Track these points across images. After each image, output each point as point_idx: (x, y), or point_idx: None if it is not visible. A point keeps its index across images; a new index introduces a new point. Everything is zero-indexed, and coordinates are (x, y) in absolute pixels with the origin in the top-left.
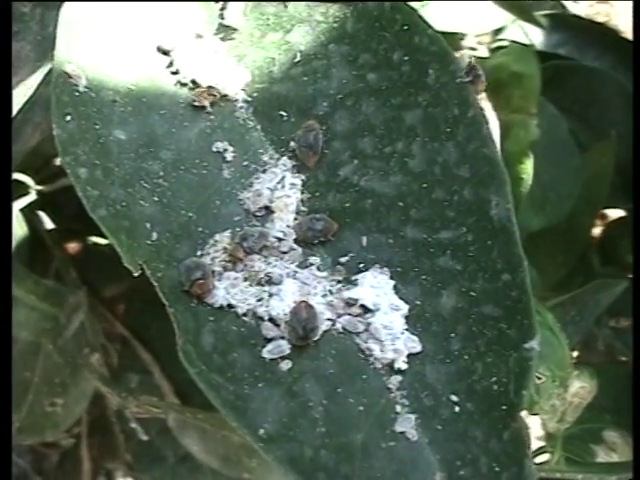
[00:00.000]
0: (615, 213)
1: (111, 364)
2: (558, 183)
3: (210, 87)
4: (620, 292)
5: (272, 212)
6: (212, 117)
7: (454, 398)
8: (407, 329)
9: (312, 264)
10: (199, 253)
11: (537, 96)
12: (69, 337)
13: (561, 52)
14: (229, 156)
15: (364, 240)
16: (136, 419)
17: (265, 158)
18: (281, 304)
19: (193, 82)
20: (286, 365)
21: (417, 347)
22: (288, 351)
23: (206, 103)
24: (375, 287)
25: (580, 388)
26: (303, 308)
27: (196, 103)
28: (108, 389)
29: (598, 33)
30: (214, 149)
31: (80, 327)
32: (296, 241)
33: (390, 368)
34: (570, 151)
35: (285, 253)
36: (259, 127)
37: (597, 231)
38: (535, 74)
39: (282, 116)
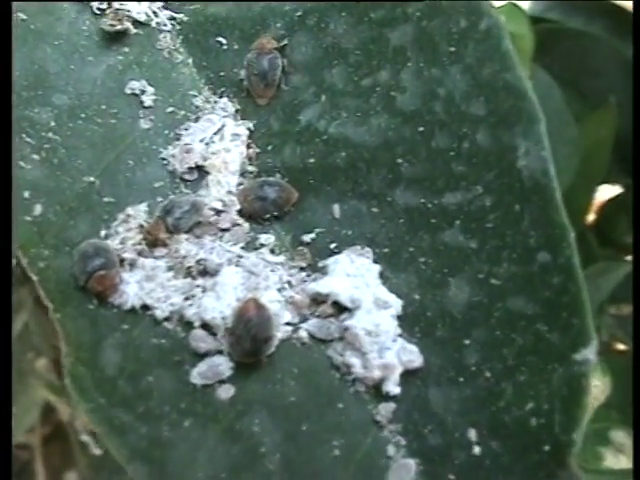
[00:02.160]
0: (607, 190)
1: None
2: (554, 156)
3: (118, 9)
4: (622, 276)
5: (207, 174)
6: (126, 49)
7: (472, 435)
8: (401, 335)
9: (263, 245)
10: (103, 233)
11: (529, 59)
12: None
13: (549, 17)
14: (148, 100)
15: (336, 210)
16: (90, 430)
17: (198, 102)
18: (219, 304)
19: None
20: (226, 392)
21: (416, 360)
22: (229, 372)
23: (119, 27)
24: (353, 275)
25: (592, 387)
26: (251, 309)
27: (108, 28)
28: (57, 398)
29: None
30: (128, 91)
31: (25, 329)
32: (241, 213)
33: (377, 392)
34: (566, 121)
35: (225, 231)
36: (190, 61)
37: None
38: (526, 34)
39: (221, 44)
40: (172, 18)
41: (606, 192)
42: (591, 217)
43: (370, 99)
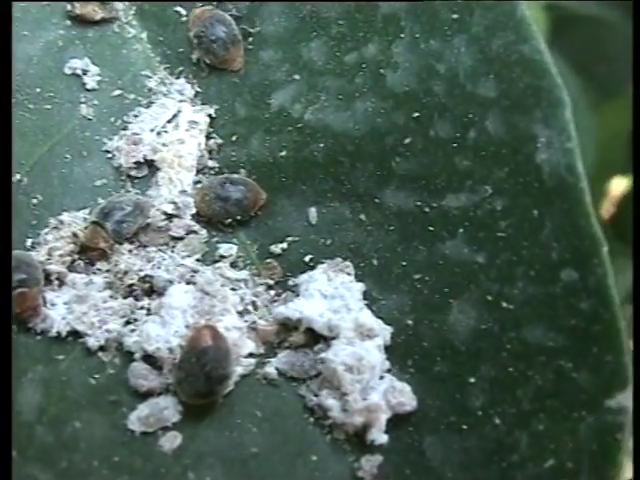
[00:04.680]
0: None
1: None
2: None
3: None
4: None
5: (157, 170)
6: (68, 22)
7: None
8: (390, 370)
9: (223, 257)
10: (29, 242)
11: None
12: None
13: (563, 3)
14: (91, 81)
15: (312, 214)
16: None
17: (151, 84)
18: (165, 330)
19: None
20: (171, 442)
21: (408, 403)
22: (176, 417)
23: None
24: (331, 296)
25: None
26: (206, 339)
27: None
28: None
29: None
30: (68, 71)
31: None
32: (197, 218)
33: (360, 441)
34: (581, 110)
35: (178, 240)
36: (144, 35)
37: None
38: (539, 19)
39: (180, 15)
40: None
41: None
42: (609, 210)
43: (355, 78)
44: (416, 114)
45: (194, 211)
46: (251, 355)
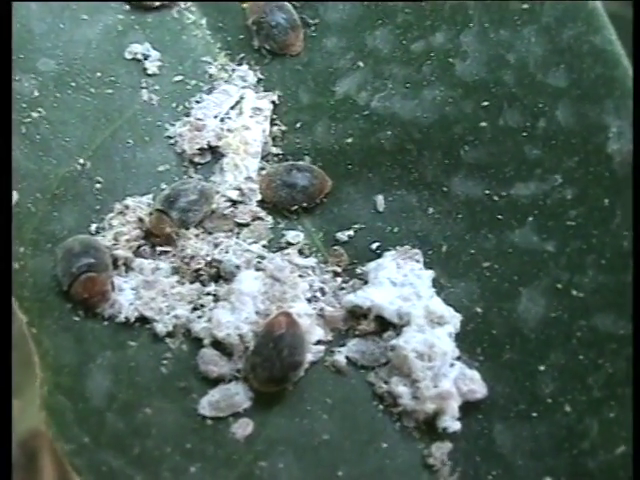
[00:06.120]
0: None
1: None
2: None
3: None
4: None
5: (222, 156)
6: (126, 7)
7: None
8: (460, 357)
9: (290, 244)
10: (94, 227)
11: None
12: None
13: None
14: (152, 66)
15: (380, 201)
16: None
17: (212, 70)
18: (234, 317)
19: None
20: (243, 429)
21: (479, 390)
22: (248, 403)
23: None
24: (400, 284)
25: None
26: (283, 325)
27: None
28: None
29: None
30: (128, 55)
31: None
32: (263, 204)
33: (430, 428)
34: None
35: (243, 226)
36: (203, 21)
37: None
38: None
39: (240, 2)
40: None
41: None
42: None
43: (422, 67)
44: (485, 103)
45: (259, 197)
46: (319, 342)
